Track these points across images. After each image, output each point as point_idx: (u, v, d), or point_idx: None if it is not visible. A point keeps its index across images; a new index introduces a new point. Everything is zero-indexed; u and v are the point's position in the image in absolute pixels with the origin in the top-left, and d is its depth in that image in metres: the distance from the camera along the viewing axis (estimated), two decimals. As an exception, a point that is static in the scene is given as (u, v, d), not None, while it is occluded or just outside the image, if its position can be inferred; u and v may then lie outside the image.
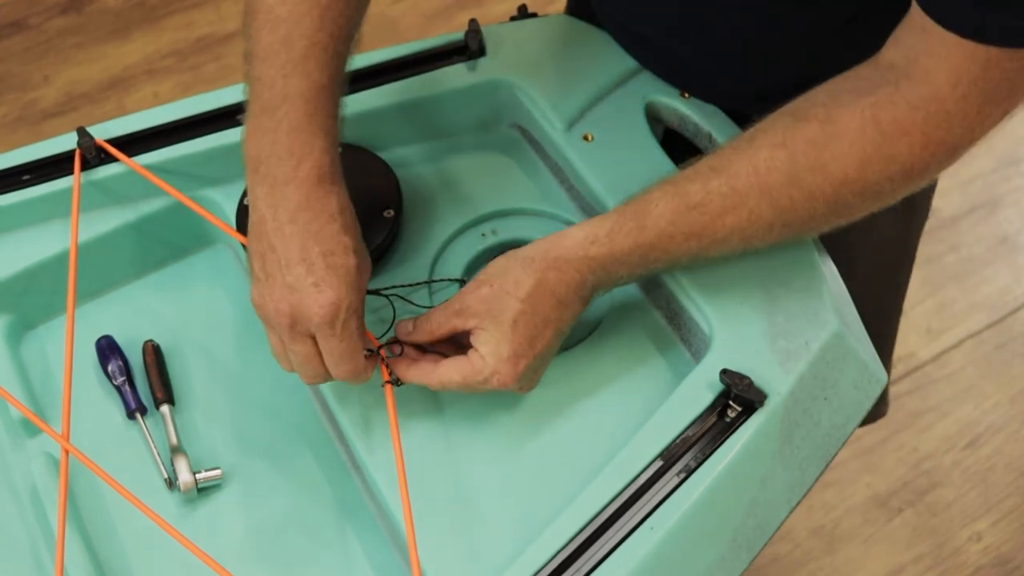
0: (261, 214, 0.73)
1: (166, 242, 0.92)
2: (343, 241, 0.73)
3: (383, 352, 0.78)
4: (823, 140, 0.72)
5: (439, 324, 0.76)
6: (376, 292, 0.83)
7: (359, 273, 0.73)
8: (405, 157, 0.93)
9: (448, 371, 0.74)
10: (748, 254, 0.79)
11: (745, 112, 0.84)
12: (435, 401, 0.80)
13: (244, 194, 0.88)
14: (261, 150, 0.74)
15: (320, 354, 0.73)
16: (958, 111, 0.69)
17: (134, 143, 0.89)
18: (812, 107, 0.73)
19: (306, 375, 0.75)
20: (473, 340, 0.74)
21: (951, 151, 0.71)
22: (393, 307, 0.83)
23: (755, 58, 0.86)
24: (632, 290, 0.85)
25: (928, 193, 1.07)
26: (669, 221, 0.74)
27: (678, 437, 0.73)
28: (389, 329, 0.82)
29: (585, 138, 0.88)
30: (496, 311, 0.73)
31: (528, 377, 0.75)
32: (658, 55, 0.91)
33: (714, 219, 0.74)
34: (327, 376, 0.75)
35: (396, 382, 0.78)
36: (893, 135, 0.70)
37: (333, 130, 0.75)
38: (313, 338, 0.73)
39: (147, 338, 0.87)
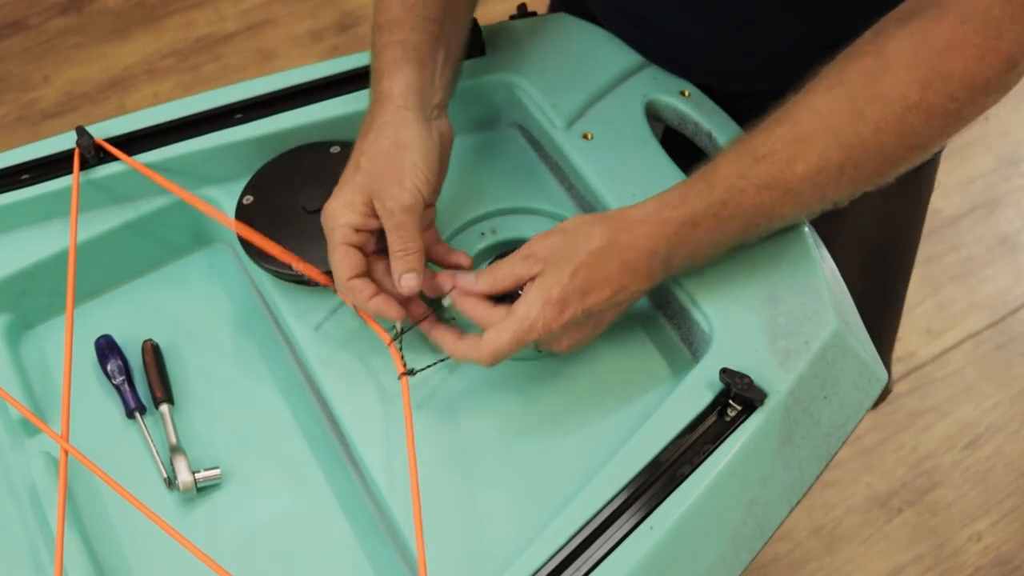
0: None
1: (165, 241, 0.92)
2: (360, 160, 0.78)
3: (394, 346, 0.79)
4: (877, 70, 0.71)
5: (505, 274, 0.75)
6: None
7: (369, 193, 0.77)
8: (405, 156, 0.93)
9: (497, 335, 0.74)
10: (748, 258, 0.79)
11: (746, 91, 0.84)
12: (434, 401, 0.80)
13: (243, 192, 0.88)
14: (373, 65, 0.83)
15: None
16: (1005, 15, 0.68)
17: (133, 142, 0.89)
18: (861, 44, 0.73)
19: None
20: (526, 288, 0.74)
21: (1008, 61, 0.70)
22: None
23: (759, 33, 0.86)
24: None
25: (925, 190, 1.07)
26: (739, 175, 0.73)
27: (678, 436, 0.73)
28: (396, 329, 0.82)
29: (585, 137, 0.88)
30: (560, 258, 0.73)
31: (573, 332, 0.74)
32: (658, 36, 0.91)
33: (783, 167, 0.73)
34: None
35: (411, 372, 0.78)
36: (946, 52, 0.70)
37: (427, 64, 0.81)
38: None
39: (146, 337, 0.87)
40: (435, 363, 0.80)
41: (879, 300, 1.14)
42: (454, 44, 0.84)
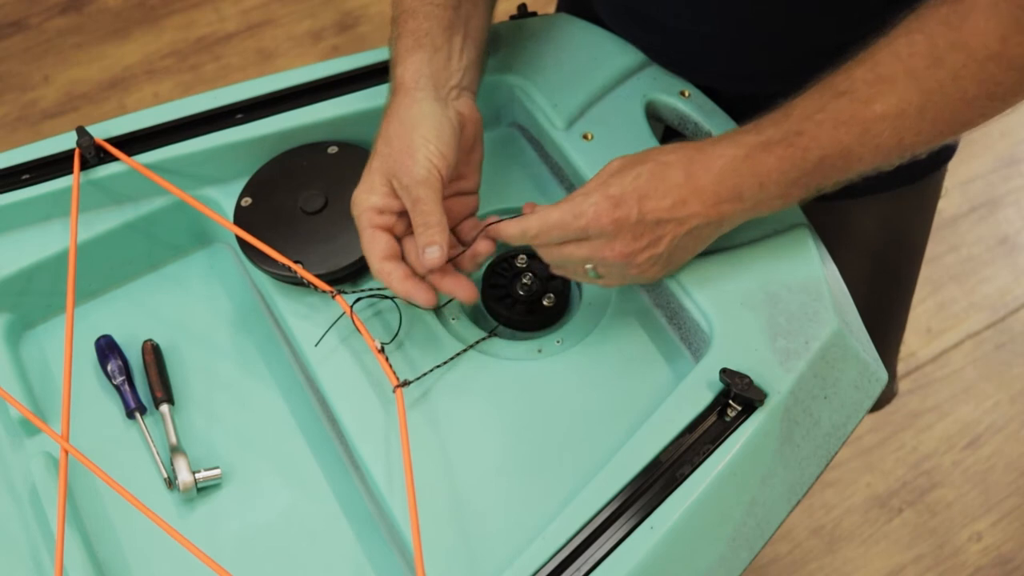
0: None
1: (165, 242, 0.92)
2: (377, 145, 0.79)
3: (383, 357, 0.79)
4: (957, 19, 0.70)
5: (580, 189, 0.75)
6: (379, 294, 0.83)
7: (386, 174, 0.78)
8: (405, 156, 0.93)
9: (546, 211, 0.74)
10: (748, 258, 0.79)
11: (752, 94, 0.83)
12: (434, 401, 0.80)
13: (242, 193, 0.88)
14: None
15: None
16: None
17: (133, 142, 0.89)
18: None
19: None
20: (588, 185, 0.74)
21: None
22: (399, 308, 0.83)
23: (765, 34, 0.85)
24: (632, 289, 0.85)
25: (932, 200, 1.07)
26: (817, 108, 0.72)
27: (678, 436, 0.72)
28: (397, 333, 0.82)
29: (585, 137, 0.88)
30: (628, 164, 0.74)
31: (627, 240, 0.73)
32: (664, 36, 0.90)
33: (862, 106, 0.71)
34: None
35: (405, 383, 0.78)
36: None
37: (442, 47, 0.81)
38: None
39: (146, 337, 0.87)
40: (430, 371, 0.80)
41: (884, 308, 1.14)
42: (474, 26, 0.83)
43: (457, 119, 0.80)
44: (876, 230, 1.03)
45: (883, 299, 1.12)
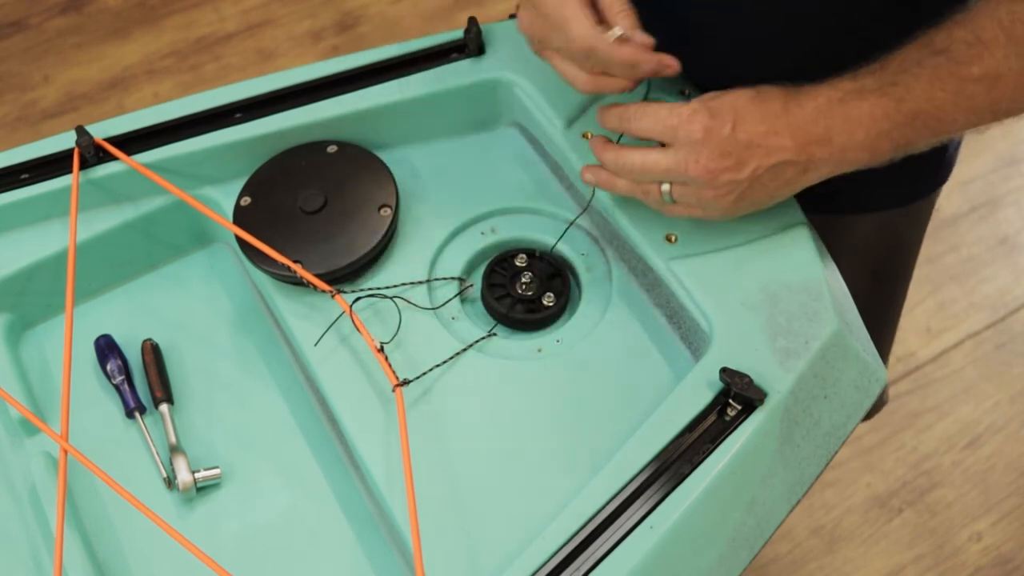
0: None
1: (165, 241, 0.92)
2: None
3: (382, 357, 0.79)
4: None
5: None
6: (379, 294, 0.83)
7: None
8: (404, 155, 0.93)
9: (642, 113, 0.74)
10: (748, 258, 0.79)
11: None
12: (434, 400, 0.80)
13: (242, 193, 0.88)
14: None
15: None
16: None
17: (133, 142, 0.89)
18: None
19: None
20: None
21: None
22: (398, 308, 0.83)
23: (783, 28, 0.84)
24: (632, 289, 0.85)
25: (930, 208, 1.07)
26: (914, 62, 0.72)
27: (678, 436, 0.72)
28: (397, 332, 0.82)
29: (584, 136, 0.88)
30: (730, 90, 0.74)
31: (713, 155, 0.72)
32: (696, 37, 0.87)
33: (960, 66, 0.71)
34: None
35: (405, 383, 0.78)
36: None
37: None
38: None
39: (146, 337, 0.87)
40: (429, 370, 0.80)
41: (878, 318, 1.15)
42: None
43: None
44: (875, 245, 1.04)
45: (876, 310, 1.13)
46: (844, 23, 0.81)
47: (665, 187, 0.76)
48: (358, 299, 0.83)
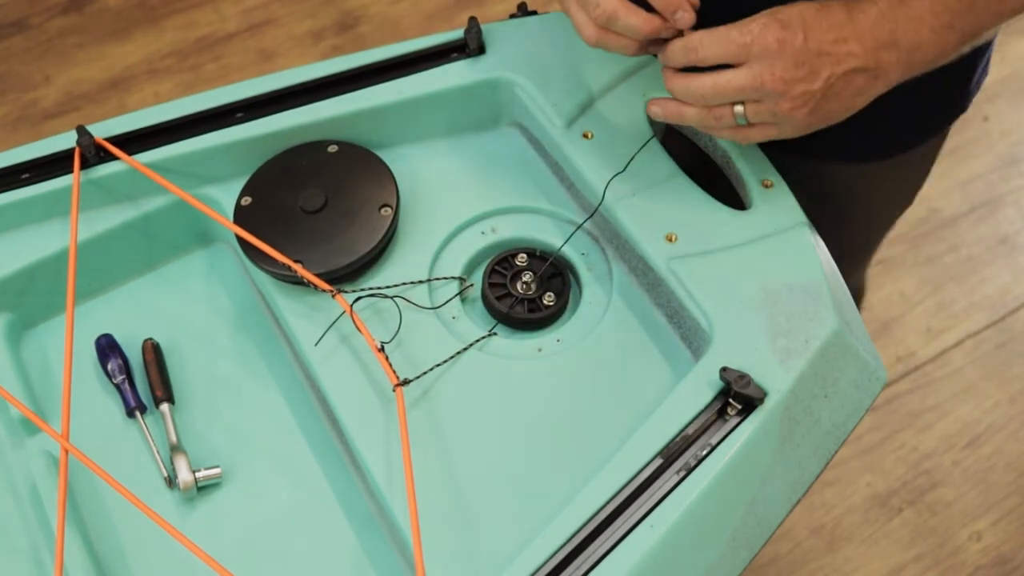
0: None
1: (165, 241, 0.92)
2: None
3: (383, 356, 0.79)
4: None
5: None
6: (379, 293, 0.83)
7: None
8: (405, 155, 0.93)
9: (711, 30, 0.73)
10: (748, 257, 0.79)
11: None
12: (434, 400, 0.80)
13: (242, 192, 0.88)
14: None
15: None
16: None
17: (133, 141, 0.89)
18: None
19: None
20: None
21: None
22: (398, 308, 0.83)
23: None
24: (632, 288, 0.85)
25: (932, 154, 1.07)
26: None
27: (678, 435, 0.73)
28: (397, 332, 0.82)
29: (585, 136, 0.88)
30: (790, 4, 0.73)
31: (788, 66, 0.72)
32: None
33: None
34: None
35: (405, 382, 0.78)
36: None
37: None
38: None
39: (147, 337, 0.88)
40: (430, 369, 0.80)
41: (851, 255, 1.17)
42: None
43: None
44: (874, 191, 1.05)
45: (849, 247, 1.14)
46: None
47: (739, 108, 0.75)
48: (358, 299, 0.83)
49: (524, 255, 0.87)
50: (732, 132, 0.78)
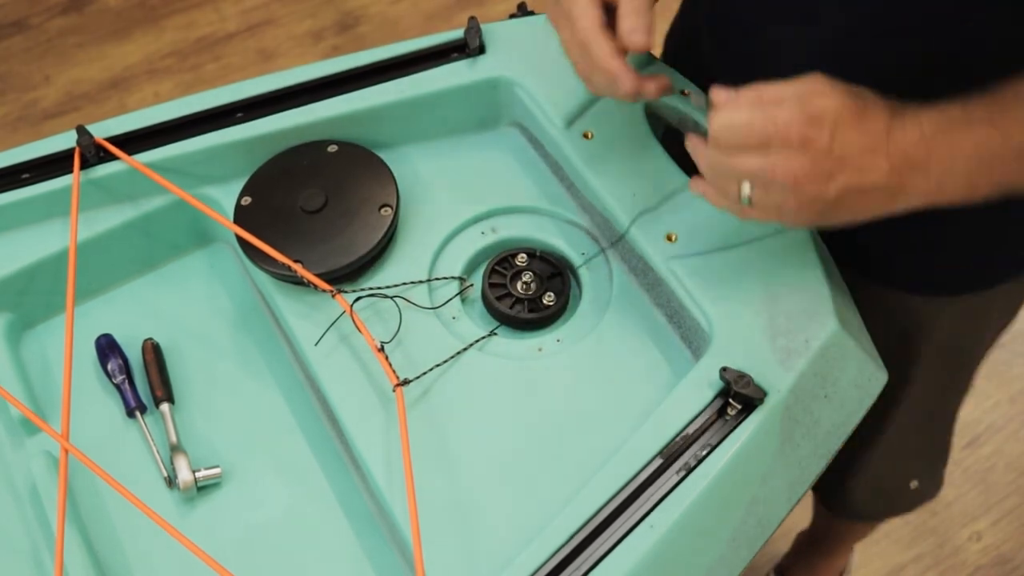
0: None
1: (165, 241, 0.92)
2: None
3: (383, 356, 0.79)
4: None
5: (771, 89, 0.68)
6: (379, 293, 0.83)
7: None
8: (405, 155, 0.93)
9: (737, 107, 0.68)
10: (748, 257, 0.79)
11: None
12: (434, 400, 0.80)
13: (242, 192, 0.88)
14: None
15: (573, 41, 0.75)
16: None
17: (133, 141, 0.89)
18: None
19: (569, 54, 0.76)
20: (788, 95, 0.67)
21: None
22: (398, 307, 0.83)
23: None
24: (633, 288, 0.85)
25: (1017, 296, 1.02)
26: (986, 108, 0.68)
27: (678, 435, 0.73)
28: (397, 332, 0.82)
29: (585, 136, 0.88)
30: (833, 88, 0.67)
31: (805, 156, 0.66)
32: (772, 55, 0.83)
33: None
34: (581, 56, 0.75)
35: (405, 382, 0.78)
36: None
37: None
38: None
39: (146, 336, 0.88)
40: (430, 369, 0.80)
41: (945, 408, 1.11)
42: None
43: None
44: (957, 330, 0.99)
45: (946, 398, 1.10)
46: (933, 47, 0.75)
47: (746, 189, 0.70)
48: (359, 299, 0.83)
49: (524, 255, 0.87)
50: (732, 206, 0.72)
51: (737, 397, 0.73)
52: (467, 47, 0.93)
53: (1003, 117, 0.68)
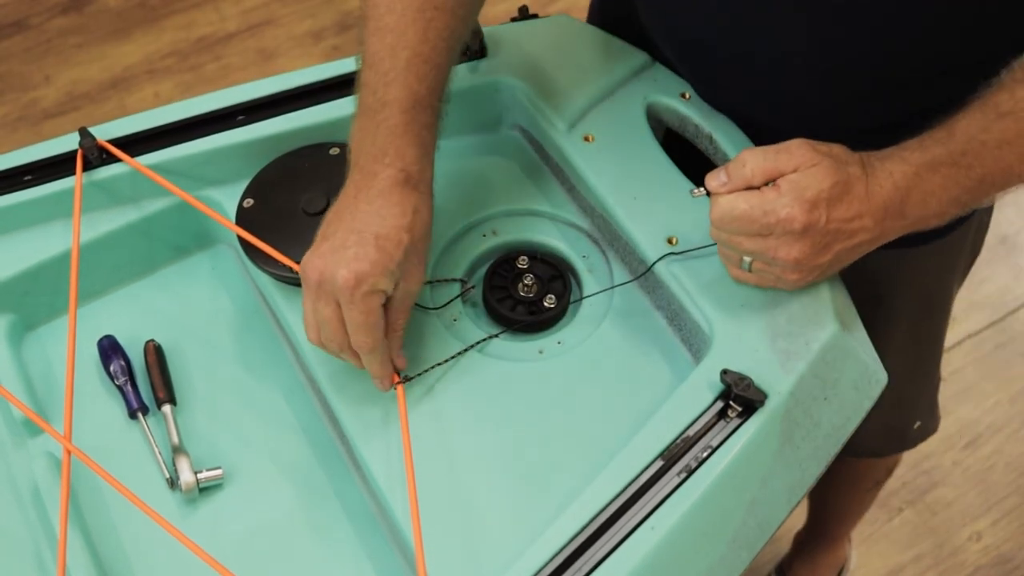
0: (347, 191, 0.77)
1: (168, 242, 0.92)
2: (402, 236, 0.75)
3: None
4: None
5: (757, 167, 0.72)
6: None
7: (404, 267, 0.75)
8: (406, 157, 0.93)
9: (735, 198, 0.72)
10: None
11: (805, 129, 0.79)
12: (435, 401, 0.80)
13: (244, 194, 0.88)
14: (362, 146, 0.78)
15: (342, 322, 0.75)
16: None
17: (136, 143, 0.89)
18: None
19: (327, 338, 0.77)
20: (780, 181, 0.72)
21: None
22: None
23: (883, 90, 0.82)
24: (633, 290, 0.86)
25: (981, 237, 1.06)
26: (980, 128, 0.72)
27: (679, 437, 0.73)
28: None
29: (586, 139, 0.88)
30: (824, 164, 0.71)
31: (804, 245, 0.72)
32: (770, 84, 0.85)
33: None
34: (345, 344, 0.76)
35: (406, 379, 0.78)
36: None
37: (426, 140, 0.79)
38: (338, 305, 0.75)
39: (149, 338, 0.88)
40: (430, 368, 0.81)
41: (928, 350, 1.15)
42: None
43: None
44: (927, 276, 1.03)
45: (929, 340, 1.12)
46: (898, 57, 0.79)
47: (746, 260, 0.76)
48: (360, 300, 0.83)
49: (525, 257, 0.87)
50: (732, 269, 0.78)
51: (738, 399, 0.73)
52: (468, 50, 0.93)
53: (964, 155, 0.72)
